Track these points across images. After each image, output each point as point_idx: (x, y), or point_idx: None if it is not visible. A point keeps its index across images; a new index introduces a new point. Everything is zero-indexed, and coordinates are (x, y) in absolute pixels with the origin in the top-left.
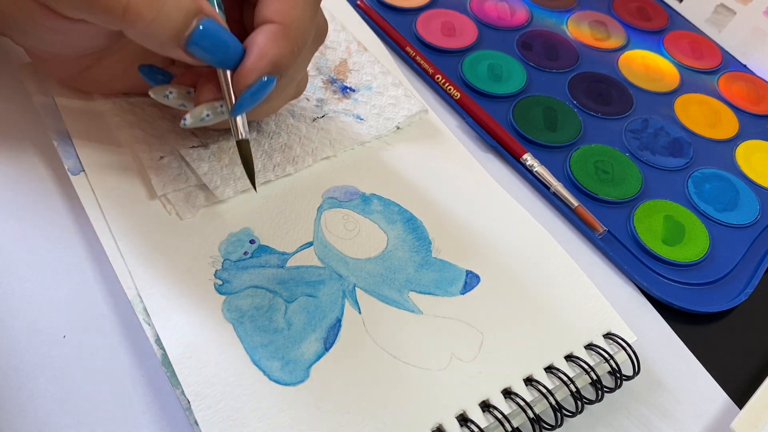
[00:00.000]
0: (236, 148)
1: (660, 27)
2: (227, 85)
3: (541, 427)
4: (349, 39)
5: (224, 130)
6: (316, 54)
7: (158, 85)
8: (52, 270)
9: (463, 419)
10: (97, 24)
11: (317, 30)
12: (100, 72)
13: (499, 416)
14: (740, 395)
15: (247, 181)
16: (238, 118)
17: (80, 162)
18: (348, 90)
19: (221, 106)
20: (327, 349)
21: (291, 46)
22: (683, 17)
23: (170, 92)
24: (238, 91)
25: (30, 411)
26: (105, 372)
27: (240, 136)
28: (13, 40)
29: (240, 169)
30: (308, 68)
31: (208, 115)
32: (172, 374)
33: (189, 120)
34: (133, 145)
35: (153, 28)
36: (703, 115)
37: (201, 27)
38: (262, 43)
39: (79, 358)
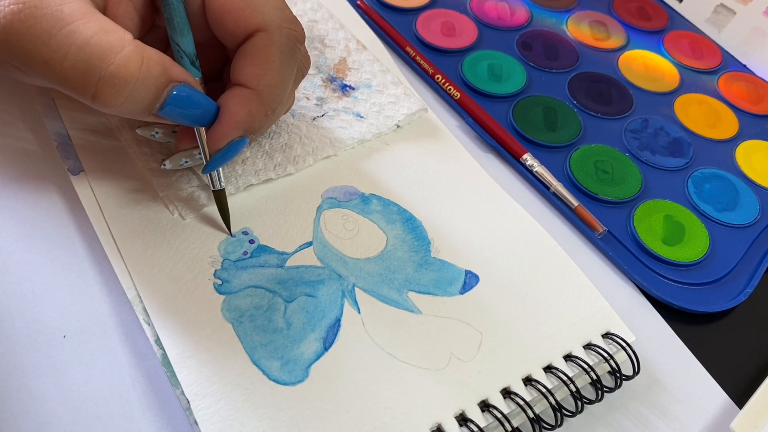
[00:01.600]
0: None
1: (660, 27)
2: (202, 140)
3: (541, 427)
4: (348, 37)
5: None
6: (315, 53)
7: (144, 125)
8: (52, 270)
9: (463, 419)
10: None
11: (299, 68)
12: None
13: (499, 416)
14: (740, 395)
15: (249, 177)
16: (207, 150)
17: (80, 162)
18: (348, 88)
19: (199, 154)
20: (326, 349)
21: (264, 110)
22: (683, 17)
23: (156, 132)
24: (211, 151)
25: (30, 411)
26: (105, 372)
27: (215, 187)
28: None
29: (241, 168)
30: None
31: (186, 161)
32: (172, 374)
33: (168, 165)
34: (134, 146)
35: (124, 109)
36: (703, 115)
37: (173, 94)
38: (233, 108)
39: (79, 358)
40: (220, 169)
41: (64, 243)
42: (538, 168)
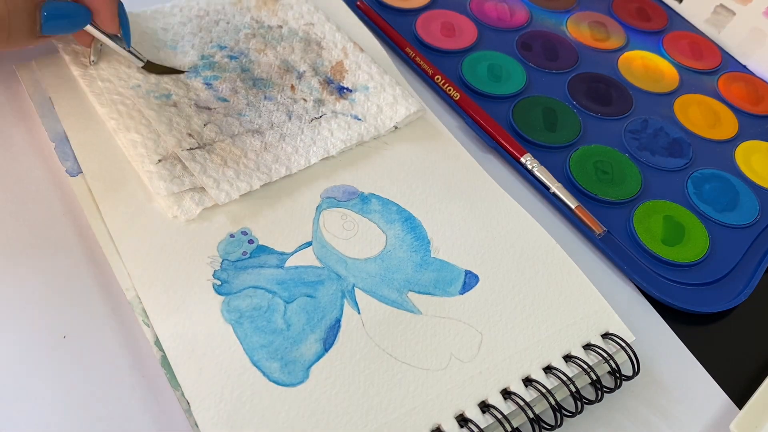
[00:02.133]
0: (235, 148)
1: (659, 27)
2: (99, 34)
3: (541, 428)
4: (345, 39)
5: (220, 132)
6: (312, 55)
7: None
8: (52, 270)
9: (463, 419)
10: None
11: None
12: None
13: (499, 416)
14: (740, 395)
15: (245, 183)
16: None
17: (78, 164)
18: (345, 90)
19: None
20: (326, 350)
21: None
22: (683, 18)
23: (93, 59)
24: (111, 33)
25: (30, 411)
26: (105, 372)
27: (142, 61)
28: None
29: (233, 171)
30: (305, 68)
31: (100, 46)
32: (172, 376)
33: (93, 57)
34: (131, 148)
35: (13, 41)
36: (702, 116)
37: (44, 14)
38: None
39: (79, 358)
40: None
41: (63, 244)
42: (538, 169)
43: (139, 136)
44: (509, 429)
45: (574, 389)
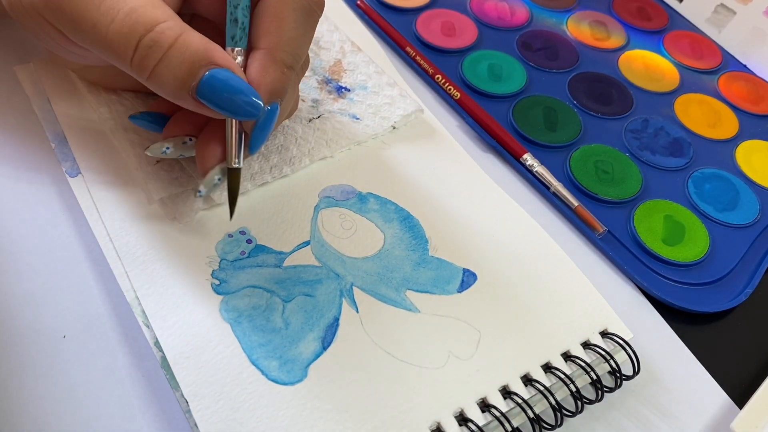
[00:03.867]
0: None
1: (660, 27)
2: (231, 129)
3: (541, 427)
4: (343, 39)
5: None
6: (310, 55)
7: (153, 144)
8: (52, 270)
9: (462, 418)
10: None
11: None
12: (108, 68)
13: (498, 414)
14: (740, 395)
15: (246, 182)
16: (234, 144)
17: (77, 164)
18: (343, 90)
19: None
20: (325, 349)
21: (278, 68)
22: (683, 17)
23: (167, 148)
24: (247, 129)
25: (30, 411)
26: (105, 372)
27: (232, 164)
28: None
29: None
30: None
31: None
32: (171, 377)
33: (204, 189)
34: (129, 149)
35: (159, 79)
36: (703, 115)
37: (210, 73)
38: (252, 75)
39: (79, 358)
40: (242, 144)
41: (62, 244)
42: (538, 168)
43: (137, 136)
44: (509, 428)
45: (574, 389)
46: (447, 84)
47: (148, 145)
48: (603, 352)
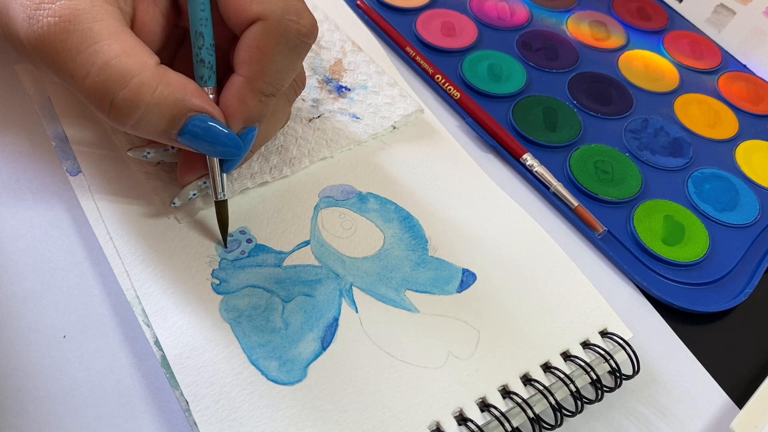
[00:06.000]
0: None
1: (660, 27)
2: (212, 166)
3: (541, 427)
4: (344, 39)
5: None
6: (311, 54)
7: (136, 147)
8: (52, 270)
9: (462, 418)
10: None
11: (292, 86)
12: None
13: (497, 414)
14: (740, 395)
15: (246, 180)
16: (218, 179)
17: (78, 163)
18: (343, 89)
19: (204, 183)
20: (324, 349)
21: (256, 96)
22: (683, 17)
23: (148, 152)
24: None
25: (30, 411)
26: (105, 372)
27: (217, 197)
28: None
29: (237, 171)
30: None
31: (194, 194)
32: (171, 376)
33: (178, 202)
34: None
35: (138, 130)
36: (703, 115)
37: (190, 122)
38: (229, 102)
39: (79, 358)
40: (224, 176)
41: (63, 243)
42: (538, 168)
43: (138, 136)
44: (509, 428)
45: (574, 388)
46: (447, 84)
47: (131, 147)
48: (603, 352)
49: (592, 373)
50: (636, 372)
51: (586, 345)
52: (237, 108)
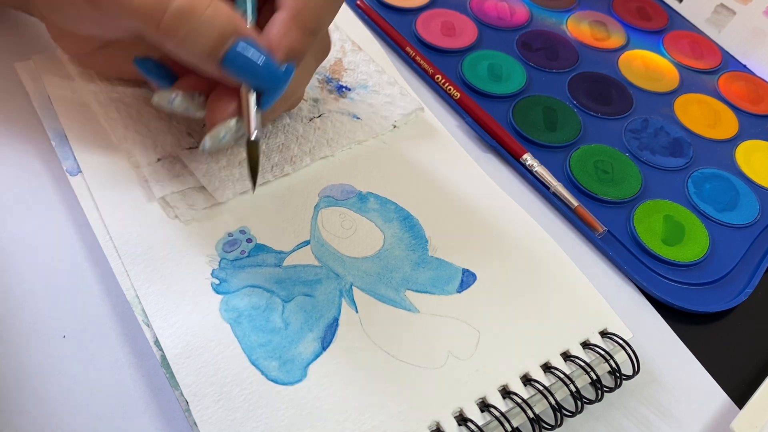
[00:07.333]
0: (243, 149)
1: (660, 27)
2: (248, 101)
3: (541, 427)
4: (344, 38)
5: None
6: None
7: (162, 90)
8: (52, 270)
9: (462, 418)
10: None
11: (320, 45)
12: (114, 52)
13: (497, 414)
14: (740, 395)
15: (247, 182)
16: (252, 116)
17: (78, 163)
18: (344, 89)
19: (237, 122)
20: (324, 349)
21: (300, 30)
22: (683, 17)
23: (175, 96)
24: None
25: (30, 411)
26: (105, 372)
27: (253, 136)
28: (40, 14)
29: (239, 170)
30: None
31: (225, 136)
32: (171, 376)
33: (209, 142)
34: (130, 147)
35: (186, 46)
36: (703, 115)
37: (236, 48)
38: (273, 34)
39: (79, 358)
40: (259, 115)
41: (63, 243)
42: (538, 168)
43: (138, 134)
44: (509, 428)
45: (574, 388)
46: (447, 84)
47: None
48: (603, 352)
49: (592, 373)
50: (636, 372)
51: (586, 345)
52: (281, 40)
